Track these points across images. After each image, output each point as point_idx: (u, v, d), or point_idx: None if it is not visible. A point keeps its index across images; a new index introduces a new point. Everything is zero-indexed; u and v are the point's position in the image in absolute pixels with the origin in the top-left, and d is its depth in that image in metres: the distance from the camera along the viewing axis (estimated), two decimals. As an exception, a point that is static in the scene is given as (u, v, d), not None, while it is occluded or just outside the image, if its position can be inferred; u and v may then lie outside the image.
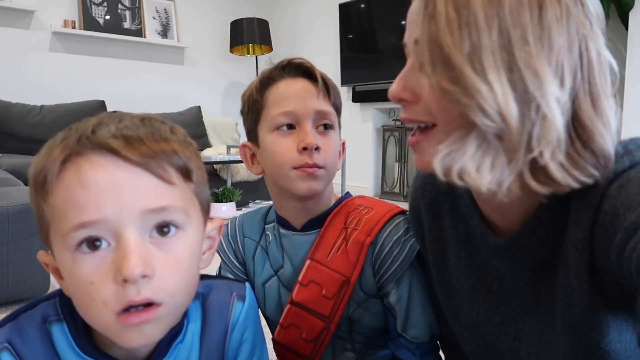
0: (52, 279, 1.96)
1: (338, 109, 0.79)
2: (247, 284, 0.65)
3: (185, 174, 0.49)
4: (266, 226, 0.88)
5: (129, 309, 0.44)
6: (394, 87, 0.57)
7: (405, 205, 0.82)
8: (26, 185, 2.08)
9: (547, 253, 0.57)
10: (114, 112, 0.50)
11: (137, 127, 0.47)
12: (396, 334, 0.79)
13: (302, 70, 0.76)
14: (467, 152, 0.49)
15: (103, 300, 0.44)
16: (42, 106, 3.60)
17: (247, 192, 3.54)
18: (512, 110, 0.47)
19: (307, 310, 0.78)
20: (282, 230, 0.84)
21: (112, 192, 0.44)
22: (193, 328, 0.57)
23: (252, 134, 0.81)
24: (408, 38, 0.56)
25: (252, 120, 0.81)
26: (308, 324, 0.78)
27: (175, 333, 0.54)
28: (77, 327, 0.51)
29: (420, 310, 0.78)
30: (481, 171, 0.49)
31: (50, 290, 1.94)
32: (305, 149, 0.72)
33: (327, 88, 0.76)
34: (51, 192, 0.45)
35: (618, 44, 0.51)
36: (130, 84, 4.43)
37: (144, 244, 0.45)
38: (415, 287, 0.78)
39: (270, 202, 0.88)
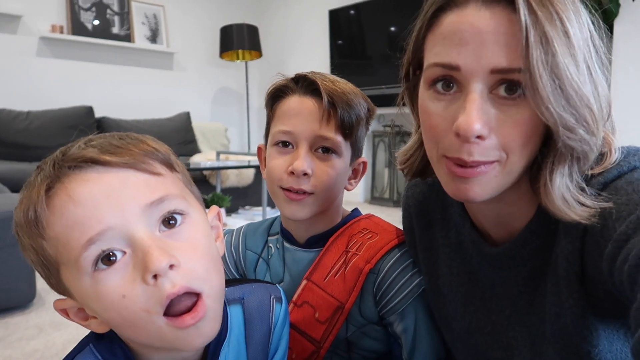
0: (38, 287, 1.94)
1: (350, 133, 0.74)
2: (278, 285, 0.68)
3: (169, 165, 0.50)
4: (269, 238, 0.87)
5: (176, 314, 0.44)
6: (475, 121, 0.47)
7: (395, 211, 0.81)
8: (13, 192, 2.05)
9: (540, 262, 0.57)
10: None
11: (105, 138, 0.48)
12: None
13: (313, 88, 0.73)
14: (567, 182, 0.50)
15: (144, 309, 0.43)
16: (28, 112, 3.55)
17: (237, 198, 3.52)
18: (601, 137, 0.50)
19: (299, 332, 0.77)
20: (285, 244, 0.83)
21: (106, 199, 0.43)
22: (237, 332, 0.58)
23: (265, 139, 0.81)
24: (476, 63, 0.48)
25: (266, 126, 0.80)
26: (299, 345, 0.77)
27: (220, 339, 0.55)
28: None
29: (428, 339, 0.75)
30: (573, 199, 0.49)
31: (36, 300, 1.91)
32: (292, 173, 0.71)
33: (334, 111, 0.72)
34: (48, 225, 0.44)
35: (604, 51, 0.53)
36: (119, 90, 4.39)
37: (158, 238, 0.45)
38: (421, 318, 0.75)
39: (260, 209, 0.88)
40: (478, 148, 0.49)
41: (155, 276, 0.42)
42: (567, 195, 0.49)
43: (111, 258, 0.43)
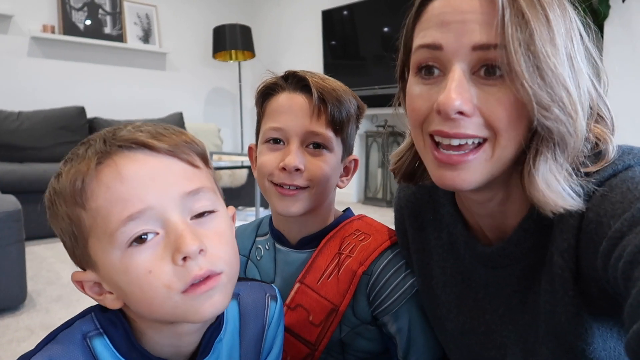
0: (29, 288, 1.92)
1: (340, 128, 0.74)
2: (274, 285, 0.70)
3: (205, 159, 0.54)
4: (257, 239, 0.86)
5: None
6: (454, 98, 0.48)
7: (388, 211, 0.81)
8: (4, 193, 2.03)
9: (533, 261, 0.57)
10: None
11: (151, 126, 0.51)
12: None
13: (303, 84, 0.74)
14: (551, 167, 0.49)
15: (165, 285, 0.46)
16: (19, 112, 3.52)
17: (230, 198, 3.50)
18: (584, 125, 0.49)
19: (293, 335, 0.76)
20: (277, 245, 0.82)
21: (151, 181, 0.47)
22: (232, 327, 0.60)
23: (256, 138, 0.81)
24: (458, 41, 0.49)
25: (256, 125, 0.81)
26: (293, 348, 0.77)
27: (216, 332, 0.57)
28: (119, 337, 0.52)
29: (423, 340, 0.75)
30: (559, 185, 0.49)
31: (27, 302, 1.90)
32: (284, 169, 0.71)
33: (325, 106, 0.72)
34: (92, 196, 0.46)
35: (595, 53, 0.54)
36: (111, 90, 4.37)
37: (190, 224, 0.48)
38: (415, 318, 0.75)
39: (253, 210, 0.87)
40: (462, 123, 0.49)
41: (184, 258, 0.45)
42: (552, 181, 0.49)
43: (142, 237, 0.46)
